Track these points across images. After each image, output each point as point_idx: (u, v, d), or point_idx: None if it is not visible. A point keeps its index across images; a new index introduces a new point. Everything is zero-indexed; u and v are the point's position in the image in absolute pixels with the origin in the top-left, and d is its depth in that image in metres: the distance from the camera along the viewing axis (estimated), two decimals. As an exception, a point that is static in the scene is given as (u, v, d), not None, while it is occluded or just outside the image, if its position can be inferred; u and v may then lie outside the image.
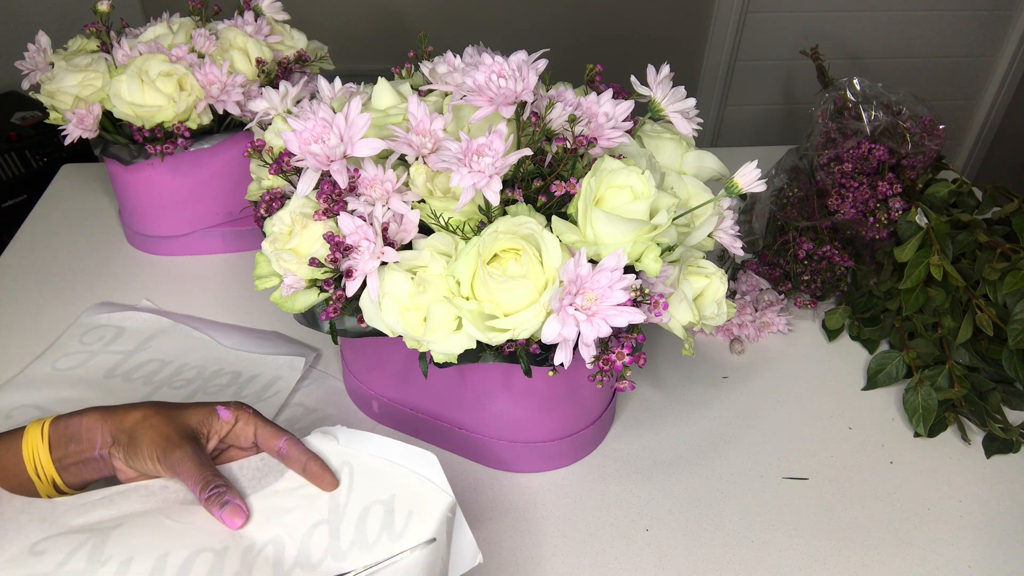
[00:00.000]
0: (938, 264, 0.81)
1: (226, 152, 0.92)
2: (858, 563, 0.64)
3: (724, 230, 0.64)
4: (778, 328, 0.87)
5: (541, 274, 0.53)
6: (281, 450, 0.56)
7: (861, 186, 0.85)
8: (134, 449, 0.53)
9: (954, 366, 0.79)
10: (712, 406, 0.79)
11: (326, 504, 0.55)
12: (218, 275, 0.96)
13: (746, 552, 0.65)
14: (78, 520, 0.52)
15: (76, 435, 0.54)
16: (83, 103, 0.84)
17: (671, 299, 0.58)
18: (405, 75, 0.75)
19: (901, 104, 0.90)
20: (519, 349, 0.56)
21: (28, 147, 1.69)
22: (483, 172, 0.51)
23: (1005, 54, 2.21)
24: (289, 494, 0.55)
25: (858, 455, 0.74)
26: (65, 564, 0.48)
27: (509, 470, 0.71)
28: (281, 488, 0.56)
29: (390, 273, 0.56)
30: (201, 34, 0.88)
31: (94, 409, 0.55)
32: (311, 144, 0.57)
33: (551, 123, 0.57)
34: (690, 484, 0.70)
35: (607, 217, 0.53)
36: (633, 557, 0.64)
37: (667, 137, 0.65)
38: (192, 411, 0.56)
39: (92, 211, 1.08)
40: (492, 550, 0.64)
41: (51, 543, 0.50)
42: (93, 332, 0.84)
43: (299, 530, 0.54)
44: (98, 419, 0.54)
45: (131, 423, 0.54)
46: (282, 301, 0.61)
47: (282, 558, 0.52)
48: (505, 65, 0.54)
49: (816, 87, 0.96)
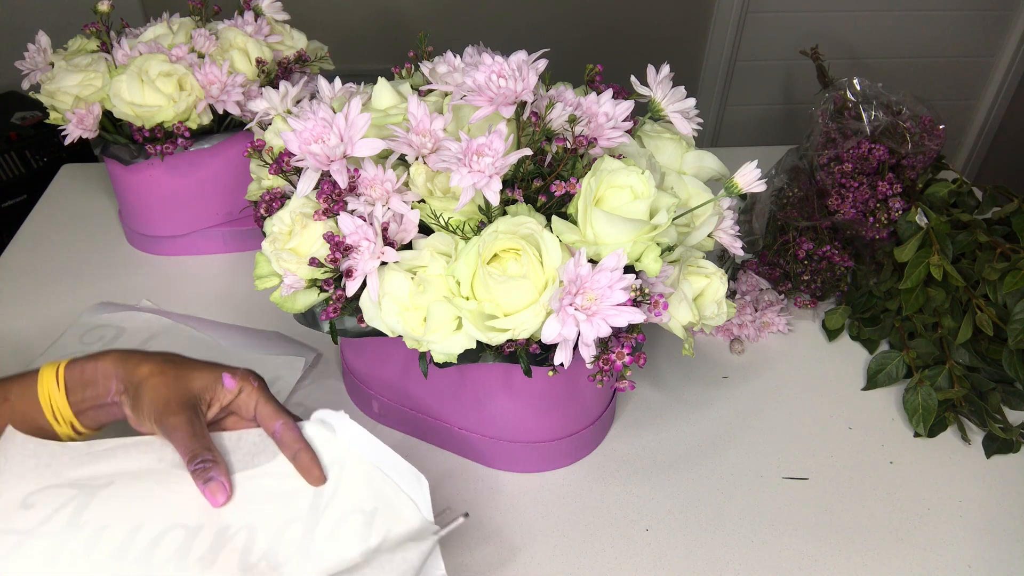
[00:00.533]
0: (938, 264, 0.81)
1: (226, 152, 0.92)
2: (858, 563, 0.64)
3: (724, 230, 0.64)
4: (778, 328, 0.87)
5: (541, 274, 0.53)
6: (276, 432, 0.56)
7: (861, 186, 0.85)
8: (137, 404, 0.54)
9: (954, 366, 0.79)
10: (712, 406, 0.79)
11: (308, 501, 0.55)
12: (218, 275, 0.96)
13: (746, 552, 0.65)
14: (77, 472, 0.53)
15: (92, 380, 0.54)
16: (83, 103, 0.84)
17: (671, 299, 0.58)
18: (405, 75, 0.75)
19: (901, 104, 0.90)
20: (519, 349, 0.56)
21: (28, 147, 1.69)
22: (483, 172, 0.51)
23: (1005, 54, 2.21)
24: (276, 480, 0.55)
25: (858, 455, 0.74)
26: (46, 523, 0.50)
27: (509, 470, 0.71)
28: (271, 471, 0.56)
29: (390, 273, 0.56)
30: (201, 34, 0.88)
31: (111, 353, 0.56)
32: (311, 144, 0.57)
33: (551, 123, 0.57)
34: (690, 484, 0.71)
35: (607, 217, 0.53)
36: (633, 557, 0.64)
37: (667, 137, 0.65)
38: (198, 374, 0.56)
39: (92, 211, 1.08)
40: (492, 550, 0.64)
41: (42, 496, 0.51)
42: (93, 332, 0.84)
43: (274, 523, 0.54)
44: (113, 365, 0.55)
45: (139, 377, 0.54)
46: (282, 301, 0.61)
47: (251, 548, 0.52)
48: (505, 65, 0.54)
49: (816, 87, 0.96)
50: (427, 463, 0.71)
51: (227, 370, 0.57)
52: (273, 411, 0.56)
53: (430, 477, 0.70)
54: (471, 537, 0.65)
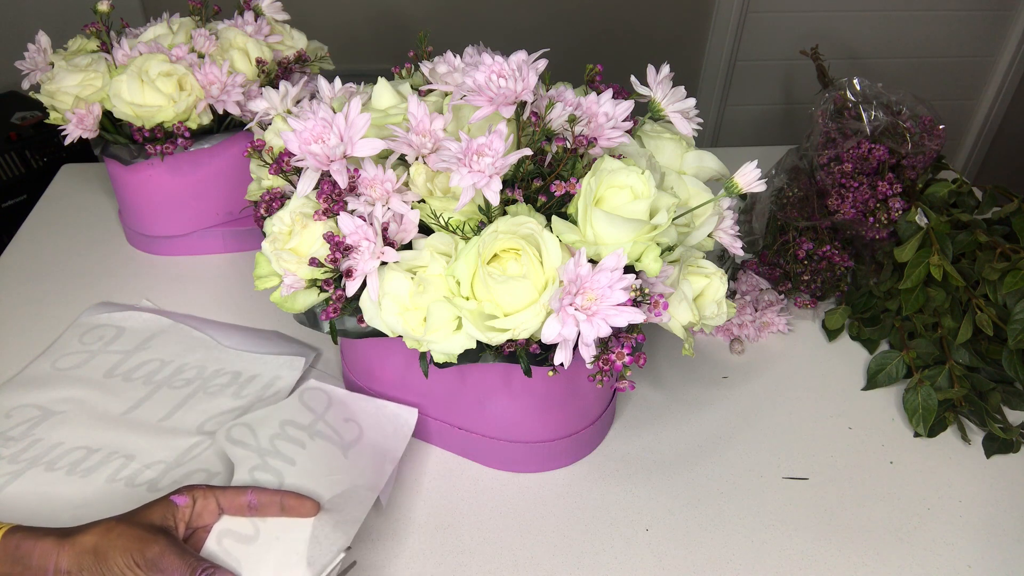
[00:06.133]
0: (938, 264, 0.81)
1: (226, 152, 0.92)
2: (858, 563, 0.64)
3: (724, 230, 0.64)
4: (778, 328, 0.87)
5: (541, 274, 0.53)
6: (251, 503, 0.56)
7: (861, 186, 0.85)
8: (104, 565, 0.50)
9: (954, 366, 0.79)
10: (712, 406, 0.79)
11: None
12: (218, 275, 0.96)
13: (746, 552, 0.65)
14: None
15: (27, 556, 0.51)
16: (83, 103, 0.84)
17: (671, 299, 0.58)
18: (405, 75, 0.75)
19: (901, 104, 0.90)
20: (519, 349, 0.56)
21: (28, 147, 1.69)
22: (483, 172, 0.51)
23: (1005, 54, 2.21)
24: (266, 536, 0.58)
25: (858, 455, 0.74)
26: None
27: (509, 470, 0.71)
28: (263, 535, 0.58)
29: (390, 273, 0.56)
30: (201, 34, 0.88)
31: (50, 534, 0.52)
32: (311, 144, 0.57)
33: (551, 123, 0.57)
34: (690, 484, 0.70)
35: (607, 217, 0.53)
36: (633, 557, 0.64)
37: (667, 137, 0.65)
38: (149, 509, 0.54)
39: (92, 211, 1.08)
40: (492, 550, 0.64)
41: None
42: (93, 332, 0.84)
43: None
44: (53, 546, 0.51)
45: (92, 543, 0.51)
46: (282, 301, 0.61)
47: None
48: (505, 65, 0.54)
49: (816, 87, 0.96)
50: (427, 463, 0.71)
51: (171, 494, 0.55)
52: (236, 491, 0.56)
53: (430, 477, 0.70)
54: (471, 537, 0.65)
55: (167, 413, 0.74)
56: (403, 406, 0.69)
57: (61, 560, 0.51)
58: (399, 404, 0.69)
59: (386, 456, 0.66)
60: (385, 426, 0.68)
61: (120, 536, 0.51)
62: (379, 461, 0.65)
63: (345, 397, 0.70)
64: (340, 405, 0.69)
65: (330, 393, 0.70)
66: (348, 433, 0.66)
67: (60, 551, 0.51)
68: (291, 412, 0.67)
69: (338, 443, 0.65)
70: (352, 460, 0.64)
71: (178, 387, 0.77)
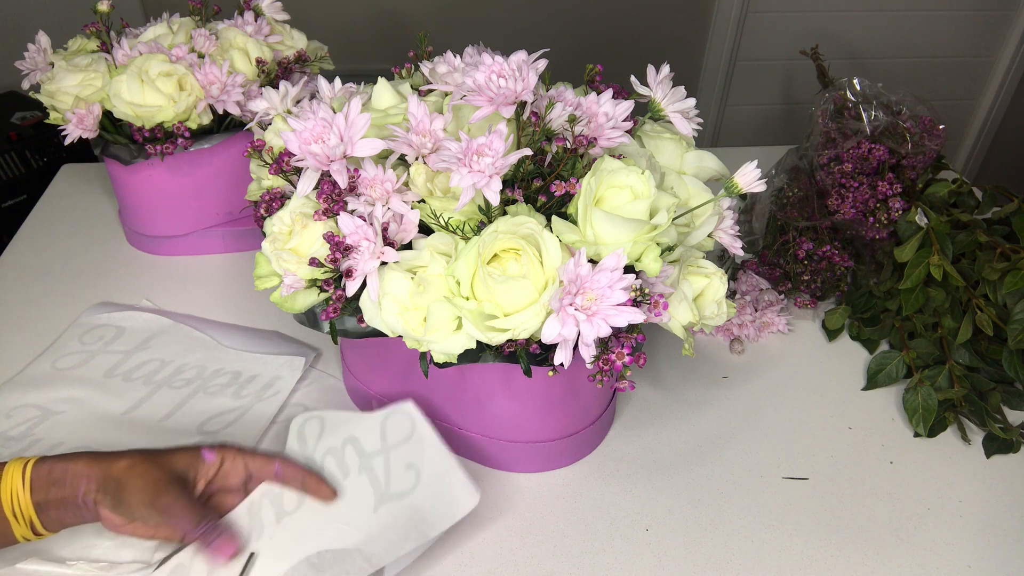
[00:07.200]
0: (938, 264, 0.81)
1: (226, 152, 0.92)
2: (858, 563, 0.64)
3: (724, 230, 0.64)
4: (778, 328, 0.87)
5: (541, 274, 0.53)
6: (278, 472, 0.58)
7: (861, 186, 0.85)
8: (122, 497, 0.53)
9: (954, 366, 0.79)
10: (712, 406, 0.79)
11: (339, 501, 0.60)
12: (218, 275, 0.96)
13: (746, 552, 0.65)
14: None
15: (60, 479, 0.53)
16: (83, 103, 0.84)
17: (671, 299, 0.58)
18: (405, 75, 0.75)
19: (901, 104, 0.90)
20: (519, 349, 0.56)
21: (28, 147, 1.69)
22: (483, 172, 0.51)
23: (1005, 54, 2.21)
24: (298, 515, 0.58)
25: (858, 455, 0.74)
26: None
27: (509, 470, 0.71)
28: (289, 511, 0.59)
29: (390, 273, 0.56)
30: (201, 34, 0.88)
31: (82, 455, 0.55)
32: (311, 144, 0.57)
33: (551, 123, 0.57)
34: (690, 484, 0.70)
35: (607, 217, 0.53)
36: (633, 557, 0.64)
37: (667, 137, 0.65)
38: (178, 455, 0.56)
39: (92, 211, 1.08)
40: (492, 550, 0.64)
41: None
42: (93, 332, 0.84)
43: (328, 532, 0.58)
44: (85, 465, 0.54)
45: (118, 471, 0.54)
46: (282, 301, 0.61)
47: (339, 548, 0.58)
48: (505, 65, 0.54)
49: (816, 87, 0.96)
50: (427, 463, 0.71)
51: (203, 447, 0.57)
52: (266, 458, 0.58)
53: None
54: (471, 537, 0.65)
55: (167, 413, 0.74)
56: (471, 484, 0.61)
57: (92, 479, 0.53)
58: (468, 482, 0.61)
59: (418, 528, 0.59)
60: (442, 495, 0.60)
61: (140, 476, 0.54)
62: (405, 531, 0.59)
63: (426, 438, 0.62)
64: (416, 444, 0.62)
65: (416, 427, 0.63)
66: (398, 483, 0.61)
67: (91, 471, 0.54)
68: (363, 430, 0.63)
69: (378, 491, 0.60)
70: (379, 516, 0.59)
71: (178, 387, 0.77)
